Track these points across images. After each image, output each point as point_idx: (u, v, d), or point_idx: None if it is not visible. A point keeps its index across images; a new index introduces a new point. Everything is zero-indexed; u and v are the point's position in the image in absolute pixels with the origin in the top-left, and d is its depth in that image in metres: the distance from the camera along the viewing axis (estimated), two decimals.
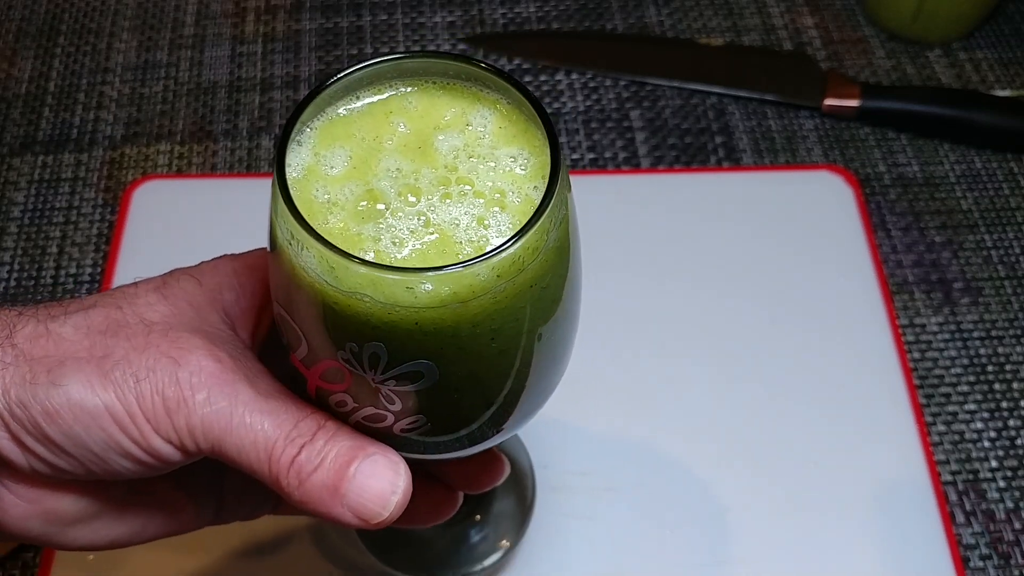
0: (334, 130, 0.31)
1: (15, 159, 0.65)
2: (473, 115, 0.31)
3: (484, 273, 0.27)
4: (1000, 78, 0.69)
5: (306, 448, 0.29)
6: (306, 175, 0.30)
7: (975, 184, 0.64)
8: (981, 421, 0.54)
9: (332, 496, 0.29)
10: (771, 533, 0.49)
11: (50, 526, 0.32)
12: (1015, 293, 0.59)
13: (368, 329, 0.27)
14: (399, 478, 0.30)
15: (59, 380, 0.29)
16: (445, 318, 0.27)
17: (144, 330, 0.30)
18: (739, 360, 0.55)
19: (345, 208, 0.29)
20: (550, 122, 0.29)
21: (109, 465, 0.30)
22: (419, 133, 0.30)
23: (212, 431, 0.29)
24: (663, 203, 0.61)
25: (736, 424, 0.53)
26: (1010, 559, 0.50)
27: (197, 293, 0.33)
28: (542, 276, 0.28)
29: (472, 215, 0.29)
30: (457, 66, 0.31)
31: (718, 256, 0.59)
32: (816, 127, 0.66)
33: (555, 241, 0.28)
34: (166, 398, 0.29)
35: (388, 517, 0.30)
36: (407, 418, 0.31)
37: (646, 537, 0.49)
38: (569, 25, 0.72)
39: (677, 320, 0.56)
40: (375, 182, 0.29)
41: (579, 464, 0.52)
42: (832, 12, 0.73)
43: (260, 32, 0.72)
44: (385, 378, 0.29)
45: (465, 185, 0.29)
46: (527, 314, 0.29)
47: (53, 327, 0.30)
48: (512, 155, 0.30)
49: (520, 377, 0.31)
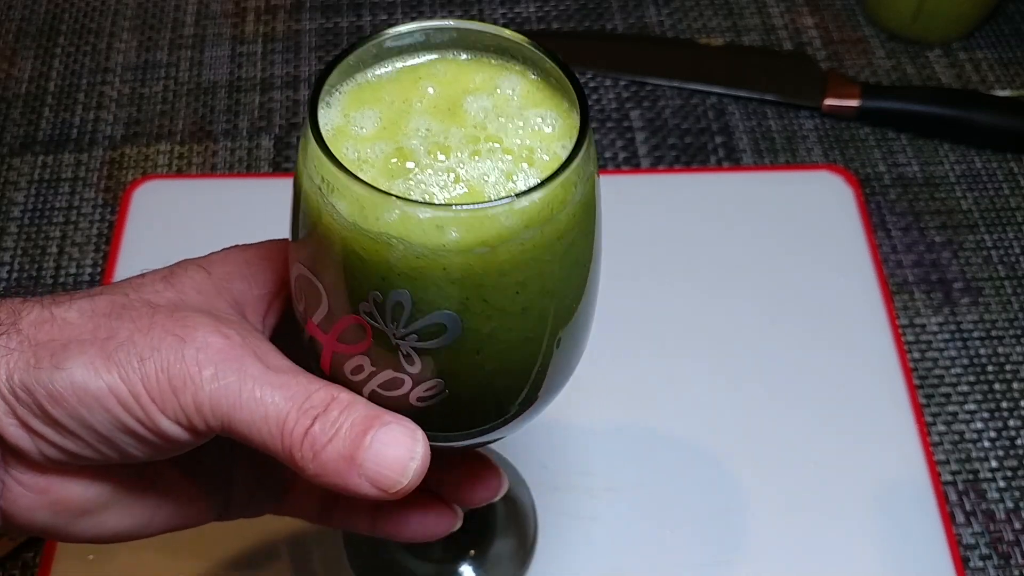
0: (362, 94, 0.31)
1: (15, 159, 0.65)
2: (501, 80, 0.31)
3: (512, 218, 0.27)
4: (1000, 78, 0.69)
5: (319, 419, 0.29)
6: (336, 134, 0.30)
7: (975, 184, 0.64)
8: (981, 421, 0.54)
9: (349, 466, 0.29)
10: (771, 533, 0.49)
11: (57, 517, 0.31)
12: (1015, 293, 0.59)
13: (394, 275, 0.27)
14: (417, 444, 0.29)
15: (62, 363, 0.28)
16: (472, 264, 0.27)
17: (149, 312, 0.30)
18: (739, 360, 0.55)
19: (375, 165, 0.29)
20: (578, 82, 0.29)
21: (118, 447, 0.29)
22: (448, 96, 0.31)
23: (221, 407, 0.29)
24: (663, 203, 0.61)
25: (736, 424, 0.53)
26: (1010, 559, 0.50)
27: (205, 281, 0.32)
28: (569, 230, 0.29)
29: (501, 170, 0.29)
30: (485, 38, 0.31)
31: (718, 256, 0.59)
32: (816, 127, 0.66)
33: (582, 196, 0.29)
34: (172, 376, 0.29)
35: (407, 485, 0.29)
36: (425, 383, 0.30)
37: (646, 537, 0.49)
38: (569, 25, 0.72)
39: (677, 320, 0.56)
40: (405, 141, 0.30)
41: (579, 464, 0.52)
42: (832, 12, 0.73)
43: (260, 32, 0.72)
44: (407, 332, 0.28)
45: (494, 143, 0.30)
46: (553, 271, 0.29)
47: (58, 312, 0.30)
48: (540, 115, 0.30)
49: (539, 345, 0.31)
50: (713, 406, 0.53)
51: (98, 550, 0.48)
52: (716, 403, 0.53)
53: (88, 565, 0.48)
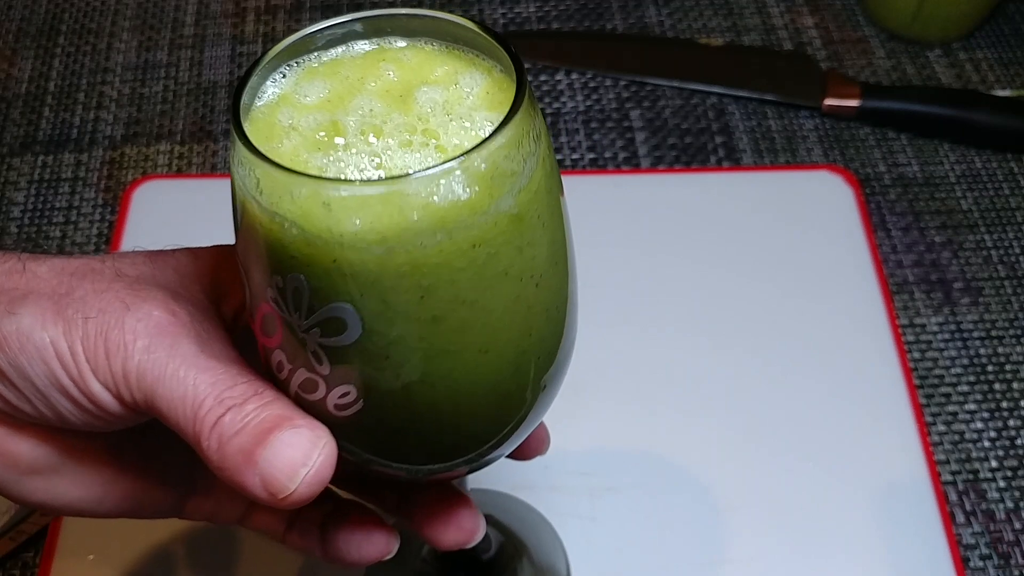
0: (321, 68, 0.30)
1: (15, 159, 0.65)
2: (464, 75, 0.30)
3: (408, 213, 0.25)
4: (1000, 78, 0.69)
5: (233, 410, 0.28)
6: (279, 101, 0.29)
7: (975, 184, 0.64)
8: (981, 421, 0.54)
9: (247, 462, 0.27)
10: (771, 533, 0.49)
11: (7, 472, 0.31)
12: (1015, 293, 0.59)
13: (288, 258, 0.26)
14: (315, 451, 0.28)
15: (15, 309, 0.29)
16: (366, 259, 0.25)
17: (112, 277, 0.30)
18: (739, 360, 0.55)
19: (304, 135, 0.28)
20: (522, 70, 0.28)
21: (52, 405, 0.29)
22: (405, 83, 0.30)
23: (146, 380, 0.28)
24: (663, 203, 0.61)
25: (736, 424, 0.53)
26: (1010, 559, 0.50)
27: (189, 264, 0.32)
28: (487, 241, 0.26)
29: (426, 166, 0.27)
30: (456, 28, 0.30)
31: (718, 256, 0.59)
32: (816, 127, 0.66)
33: (510, 208, 0.27)
34: (108, 340, 0.28)
35: (295, 494, 0.27)
36: (338, 387, 0.28)
37: (646, 537, 0.49)
38: (569, 25, 0.72)
39: (677, 321, 0.56)
40: (342, 116, 0.28)
41: (579, 464, 0.52)
42: (832, 12, 0.73)
43: (260, 32, 0.72)
44: (309, 324, 0.27)
45: (431, 138, 0.28)
46: (468, 280, 0.27)
47: (31, 265, 0.30)
48: (491, 120, 0.28)
49: (465, 361, 0.28)
50: (713, 406, 0.53)
51: (98, 550, 0.48)
52: (716, 403, 0.53)
53: (88, 565, 0.48)
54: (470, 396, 0.29)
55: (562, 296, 0.31)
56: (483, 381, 0.29)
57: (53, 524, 0.49)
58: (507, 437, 0.32)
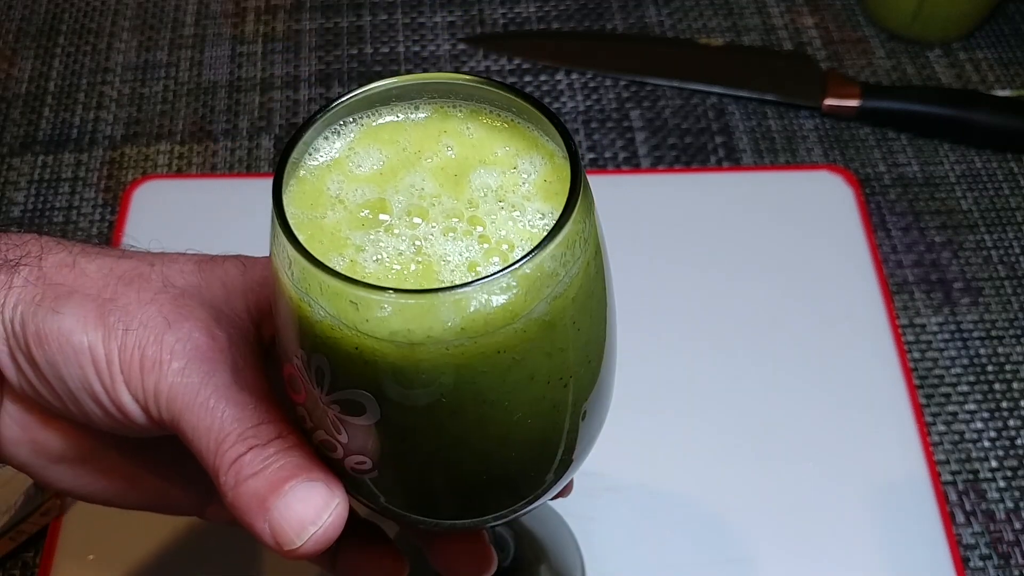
0: (380, 132, 0.29)
1: (15, 159, 0.65)
2: (524, 159, 0.28)
3: (444, 315, 0.24)
4: (1000, 78, 0.69)
5: (255, 450, 0.28)
6: (331, 165, 0.28)
7: (975, 184, 0.64)
8: (981, 421, 0.54)
9: (259, 507, 0.27)
10: (771, 533, 0.49)
11: (36, 457, 0.32)
12: (1015, 293, 0.59)
13: (313, 338, 0.26)
14: (327, 511, 0.28)
15: (60, 308, 0.29)
16: (387, 352, 0.25)
17: (159, 288, 0.30)
18: (739, 360, 0.55)
19: (348, 209, 0.27)
20: (578, 167, 0.26)
21: (81, 407, 0.29)
22: (462, 161, 0.28)
23: (176, 402, 0.28)
24: (663, 203, 0.61)
25: (736, 424, 0.53)
26: (1010, 559, 0.50)
27: (236, 277, 0.32)
28: (514, 347, 0.25)
29: (465, 257, 0.26)
30: (524, 105, 0.28)
31: (718, 257, 0.59)
32: (816, 127, 0.66)
33: (542, 314, 0.25)
34: (144, 355, 0.28)
35: (302, 549, 0.27)
36: (355, 456, 0.28)
37: (647, 537, 0.49)
38: (569, 25, 0.72)
39: (677, 321, 0.56)
40: (391, 194, 0.28)
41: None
42: (832, 12, 0.73)
43: (260, 32, 0.72)
44: (331, 400, 0.27)
45: (477, 226, 0.27)
46: (492, 384, 0.26)
47: (81, 261, 0.30)
48: (543, 212, 0.27)
49: (482, 451, 0.28)
50: (713, 406, 0.53)
51: (98, 550, 0.48)
52: (716, 403, 0.53)
53: (88, 565, 0.48)
54: (487, 476, 0.29)
55: (595, 389, 0.30)
56: (500, 465, 0.29)
57: (53, 524, 0.49)
58: (527, 504, 0.32)
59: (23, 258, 0.30)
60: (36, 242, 0.30)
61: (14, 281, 0.29)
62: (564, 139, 0.27)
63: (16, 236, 0.31)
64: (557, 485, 0.32)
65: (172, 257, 0.32)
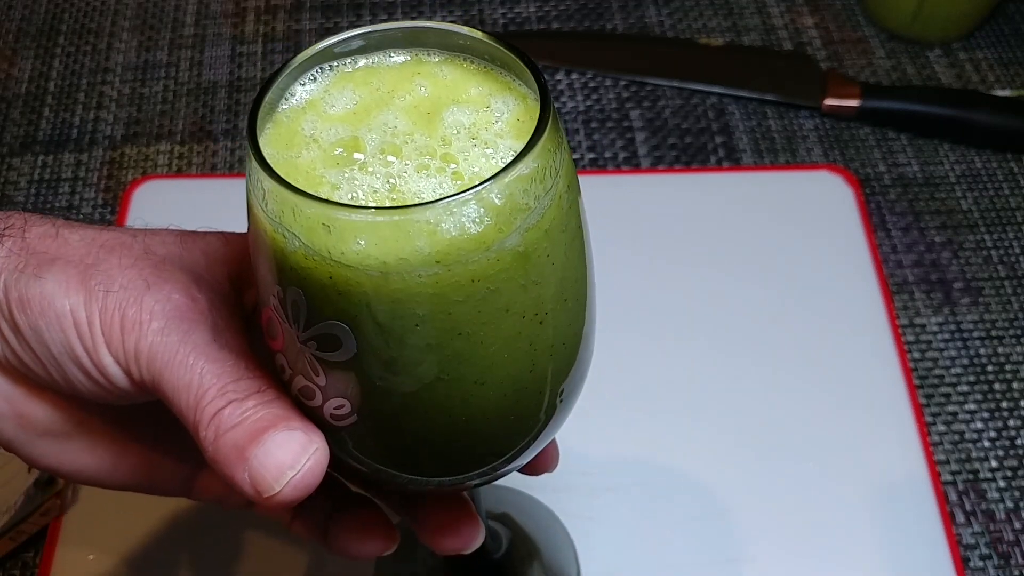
0: (355, 75, 0.30)
1: (15, 159, 0.65)
2: (497, 99, 0.29)
3: (417, 241, 0.24)
4: (1000, 78, 0.69)
5: (234, 404, 0.28)
6: (305, 107, 0.29)
7: (975, 184, 0.64)
8: (981, 421, 0.54)
9: (238, 458, 0.28)
10: (771, 533, 0.49)
11: (22, 431, 0.32)
12: (1015, 293, 0.59)
13: (287, 270, 0.26)
14: (305, 456, 0.28)
15: (42, 273, 0.29)
16: (360, 281, 0.25)
17: (140, 254, 0.30)
18: (739, 360, 0.55)
19: (322, 148, 0.28)
20: (547, 96, 0.27)
21: (64, 372, 0.30)
22: (435, 99, 0.29)
23: (155, 362, 0.29)
24: (663, 203, 0.61)
25: (736, 424, 0.53)
26: (1010, 559, 0.50)
27: (218, 248, 0.32)
28: (488, 277, 0.26)
29: (439, 193, 0.26)
30: (494, 50, 0.29)
31: (718, 256, 0.59)
32: (816, 127, 0.66)
33: (516, 245, 0.26)
34: (125, 316, 0.29)
35: (281, 495, 0.28)
36: (333, 399, 0.28)
37: (646, 537, 0.49)
38: (569, 25, 0.72)
39: (677, 321, 0.56)
40: (364, 132, 0.28)
41: (579, 464, 0.51)
42: (832, 12, 0.73)
43: (260, 32, 0.72)
44: (307, 337, 0.27)
45: (450, 163, 0.27)
46: (466, 314, 0.26)
47: (64, 232, 0.31)
48: (515, 149, 0.27)
49: (459, 390, 0.28)
50: (713, 406, 0.53)
51: (98, 550, 0.48)
52: (716, 403, 0.53)
53: (88, 565, 0.48)
54: (465, 422, 0.29)
55: (573, 331, 0.30)
56: (479, 410, 0.29)
57: (53, 524, 0.49)
58: (508, 461, 0.32)
59: (6, 230, 0.30)
60: (19, 216, 0.31)
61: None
62: (535, 76, 0.28)
63: (1, 213, 0.31)
64: (539, 440, 0.32)
65: (154, 231, 0.32)
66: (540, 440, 0.32)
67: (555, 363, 0.29)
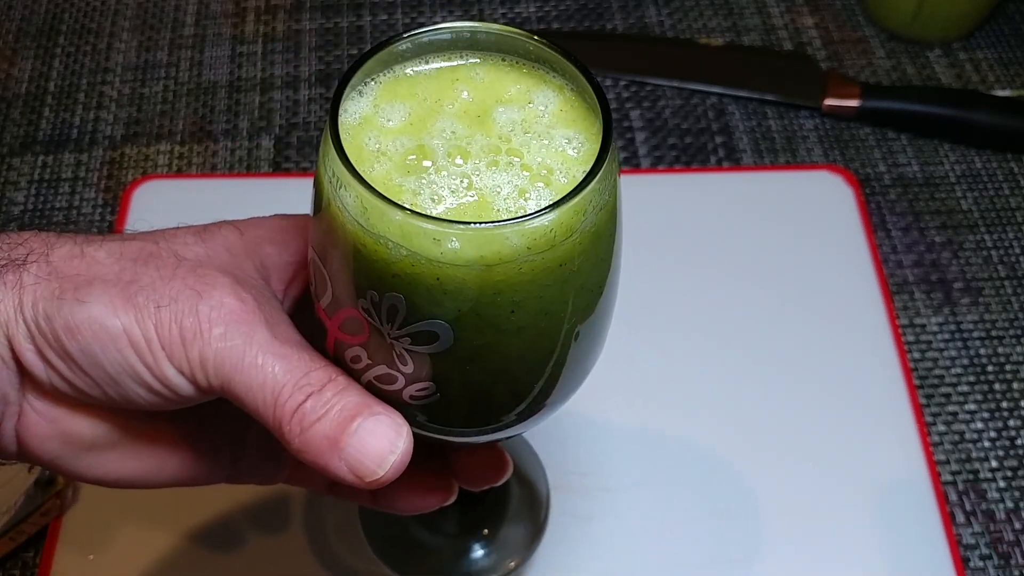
0: (398, 87, 0.31)
1: (15, 159, 0.65)
2: (537, 94, 0.31)
3: (513, 239, 0.27)
4: (1000, 78, 0.69)
5: (313, 397, 0.29)
6: (362, 123, 0.30)
7: (975, 184, 0.64)
8: (981, 421, 0.54)
9: (331, 448, 0.29)
10: (771, 533, 0.49)
11: (67, 449, 0.32)
12: (1015, 293, 0.59)
13: (389, 277, 0.28)
14: (400, 439, 0.30)
15: (84, 297, 0.29)
16: (467, 279, 0.27)
17: (174, 262, 0.31)
18: (739, 360, 0.55)
19: (393, 159, 0.29)
20: (608, 109, 0.29)
21: (123, 390, 0.30)
22: (481, 103, 0.31)
23: (223, 367, 0.29)
24: (663, 203, 0.61)
25: (735, 423, 0.53)
26: (1010, 559, 0.50)
27: (236, 241, 0.33)
28: (572, 258, 0.28)
29: (515, 185, 0.29)
30: (527, 44, 0.31)
31: (718, 257, 0.59)
32: (816, 127, 0.66)
33: (593, 226, 0.28)
34: (183, 328, 0.29)
35: (383, 477, 0.30)
36: (417, 384, 0.30)
37: (646, 537, 0.49)
38: (569, 25, 0.72)
39: (676, 321, 0.56)
40: (427, 139, 0.30)
41: (579, 464, 0.52)
42: (832, 12, 0.73)
43: (260, 32, 0.72)
44: (400, 334, 0.29)
45: (514, 157, 0.30)
46: (553, 294, 0.29)
47: (88, 250, 0.31)
48: (568, 137, 0.30)
49: (538, 364, 0.31)
50: (713, 406, 0.53)
51: (98, 550, 0.48)
52: (716, 403, 0.53)
53: (88, 565, 0.48)
54: (536, 389, 0.32)
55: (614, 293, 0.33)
56: (550, 373, 0.32)
57: (53, 524, 0.49)
58: (557, 400, 0.34)
59: (29, 255, 0.30)
60: (38, 238, 0.31)
61: (24, 280, 0.30)
62: (584, 73, 0.30)
63: (16, 235, 0.31)
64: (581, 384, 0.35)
65: (171, 232, 0.33)
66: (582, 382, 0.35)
67: (607, 324, 0.33)
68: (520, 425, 0.35)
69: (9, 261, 0.30)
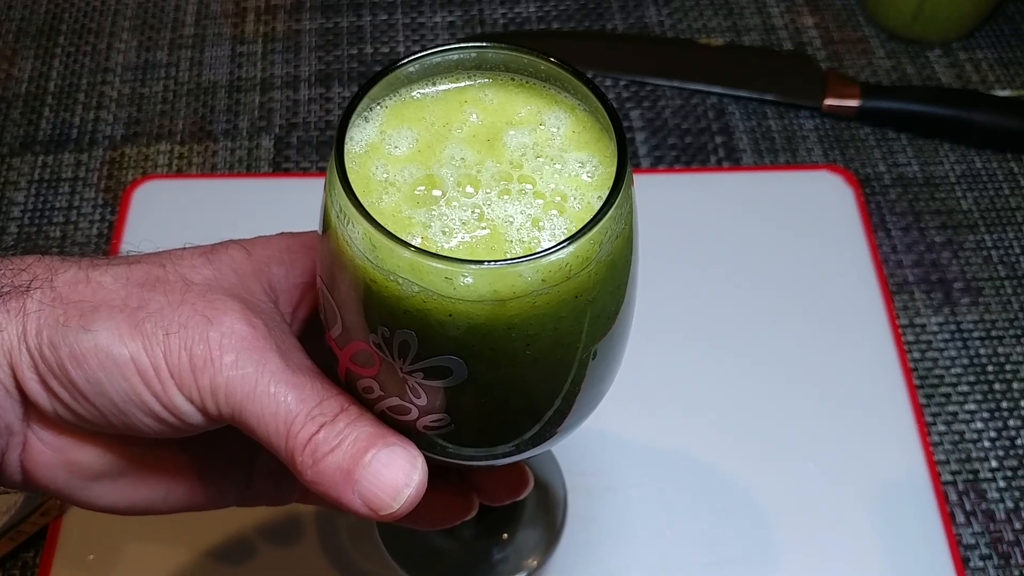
0: (405, 111, 0.30)
1: (15, 159, 0.65)
2: (548, 115, 0.30)
3: (528, 274, 0.26)
4: (1000, 78, 0.69)
5: (326, 428, 0.29)
6: (368, 151, 0.29)
7: (975, 184, 0.64)
8: (981, 421, 0.54)
9: (345, 480, 0.29)
10: (771, 533, 0.49)
11: (73, 478, 0.31)
12: (1015, 293, 0.59)
13: (400, 313, 0.27)
14: (415, 472, 0.29)
15: (90, 325, 0.28)
16: (480, 314, 0.26)
17: (182, 287, 0.30)
18: (739, 360, 0.55)
19: (401, 190, 0.28)
20: (623, 132, 0.28)
21: (129, 419, 0.29)
22: (490, 126, 0.30)
23: (235, 395, 0.29)
24: (663, 203, 0.61)
25: (736, 424, 0.53)
26: (1010, 559, 0.50)
27: (244, 262, 0.32)
28: (588, 289, 0.27)
29: (527, 215, 0.28)
30: (538, 64, 0.30)
31: (718, 257, 0.59)
32: (816, 127, 0.66)
33: (608, 255, 0.27)
34: (193, 355, 0.29)
35: (398, 510, 0.29)
36: (432, 415, 0.30)
37: (646, 537, 0.49)
38: (569, 25, 0.72)
39: (677, 321, 0.56)
40: (436, 168, 0.29)
41: (579, 464, 0.51)
42: (832, 12, 0.73)
43: (260, 32, 0.72)
44: (413, 369, 0.28)
45: (526, 184, 0.29)
46: (568, 326, 0.28)
47: (94, 275, 0.30)
48: (581, 160, 0.29)
49: (553, 392, 0.30)
50: (713, 406, 0.53)
51: (98, 550, 0.48)
52: (716, 403, 0.53)
53: (88, 565, 0.48)
54: (551, 413, 0.31)
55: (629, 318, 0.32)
56: (565, 402, 0.31)
57: (53, 524, 0.49)
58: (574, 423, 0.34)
59: (32, 281, 0.29)
60: (41, 263, 0.30)
61: (27, 306, 0.29)
62: (596, 94, 0.29)
63: (19, 260, 0.30)
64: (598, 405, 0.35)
65: (178, 254, 0.32)
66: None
67: (622, 348, 0.32)
68: (536, 448, 0.34)
69: (12, 288, 0.29)
